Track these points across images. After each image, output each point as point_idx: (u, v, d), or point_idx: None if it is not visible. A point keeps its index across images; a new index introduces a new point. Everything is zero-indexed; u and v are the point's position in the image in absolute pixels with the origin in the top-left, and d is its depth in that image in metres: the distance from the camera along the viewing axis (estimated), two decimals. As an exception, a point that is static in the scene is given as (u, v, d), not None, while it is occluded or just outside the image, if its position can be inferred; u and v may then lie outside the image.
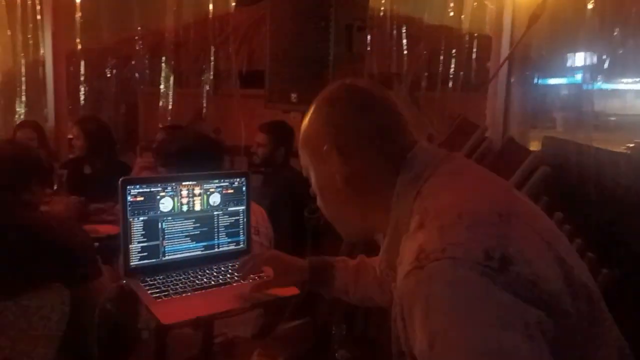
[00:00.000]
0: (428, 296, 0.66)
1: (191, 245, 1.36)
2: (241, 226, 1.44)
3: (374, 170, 0.87)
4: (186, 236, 1.35)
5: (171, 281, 1.26)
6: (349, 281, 1.21)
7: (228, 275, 1.32)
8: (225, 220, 1.41)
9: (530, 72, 3.33)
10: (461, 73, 3.75)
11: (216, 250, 1.40)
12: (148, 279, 1.25)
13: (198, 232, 1.37)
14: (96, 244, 2.07)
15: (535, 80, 3.48)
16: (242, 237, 1.44)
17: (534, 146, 2.92)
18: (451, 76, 3.78)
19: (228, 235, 1.42)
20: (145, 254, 1.29)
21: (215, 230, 1.39)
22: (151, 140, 3.11)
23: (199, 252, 1.37)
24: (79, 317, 1.83)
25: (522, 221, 0.74)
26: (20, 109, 3.93)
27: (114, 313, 1.27)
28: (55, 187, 2.92)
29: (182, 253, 1.35)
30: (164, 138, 2.34)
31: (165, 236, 1.31)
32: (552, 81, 3.65)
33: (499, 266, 0.65)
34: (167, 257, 1.32)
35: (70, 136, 3.45)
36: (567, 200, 1.94)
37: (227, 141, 3.79)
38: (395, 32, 3.76)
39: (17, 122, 3.56)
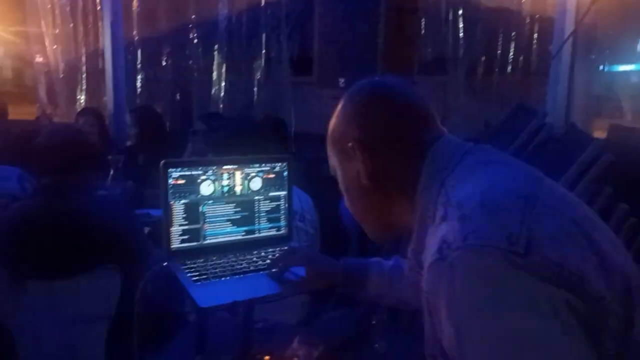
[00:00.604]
0: (451, 287, 0.64)
1: (231, 230, 1.35)
2: (282, 212, 1.42)
3: (398, 165, 0.86)
4: (226, 220, 1.34)
5: (211, 265, 1.26)
6: (383, 284, 1.17)
7: (268, 261, 1.30)
8: (266, 206, 1.39)
9: (595, 56, 3.13)
10: (521, 57, 3.57)
11: (256, 235, 1.38)
12: (188, 262, 1.25)
13: (238, 216, 1.36)
14: (148, 228, 2.12)
15: (602, 67, 3.27)
16: (283, 223, 1.42)
17: (598, 135, 2.75)
18: (510, 60, 3.61)
19: (269, 220, 1.40)
20: (186, 237, 1.29)
21: (256, 215, 1.38)
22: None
23: (239, 237, 1.36)
24: (130, 299, 1.88)
25: (549, 204, 0.70)
26: (81, 98, 4.10)
27: (155, 294, 1.29)
28: (112, 173, 3.02)
29: (223, 237, 1.34)
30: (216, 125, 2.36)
31: (206, 220, 1.31)
32: (621, 68, 3.42)
33: (524, 250, 0.63)
34: (207, 241, 1.32)
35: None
36: (633, 192, 1.80)
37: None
38: (451, 15, 3.62)
39: (78, 110, 3.70)
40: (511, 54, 3.58)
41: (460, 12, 3.60)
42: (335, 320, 1.42)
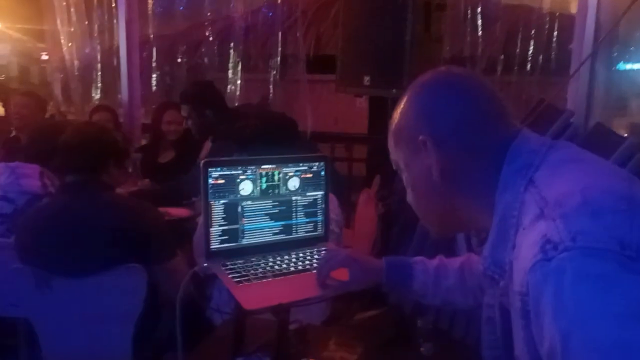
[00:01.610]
0: (559, 290, 0.60)
1: (270, 230, 1.34)
2: (319, 212, 1.40)
3: (473, 161, 0.82)
4: (265, 220, 1.33)
5: (251, 266, 1.24)
6: (428, 284, 1.14)
7: (307, 262, 1.29)
8: (303, 205, 1.37)
9: (618, 54, 3.09)
10: (540, 56, 3.54)
11: (294, 235, 1.37)
12: (228, 263, 1.24)
13: (277, 216, 1.34)
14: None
15: (624, 65, 3.24)
16: (320, 223, 1.40)
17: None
18: (529, 59, 3.57)
19: (306, 220, 1.38)
20: (225, 237, 1.27)
21: (294, 215, 1.36)
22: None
23: (277, 237, 1.35)
24: (155, 298, 1.87)
25: None
26: (96, 95, 4.10)
27: (185, 294, 1.26)
28: (130, 170, 3.02)
29: (261, 237, 1.32)
30: (241, 123, 2.34)
31: (245, 220, 1.29)
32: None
33: (636, 255, 0.59)
34: (246, 241, 1.30)
35: (145, 121, 3.56)
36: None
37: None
38: (469, 12, 3.59)
39: (92, 107, 3.69)
40: (530, 52, 3.55)
41: (479, 9, 3.57)
42: (371, 320, 1.40)
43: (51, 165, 2.14)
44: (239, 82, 4.03)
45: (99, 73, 4.07)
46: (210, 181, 1.23)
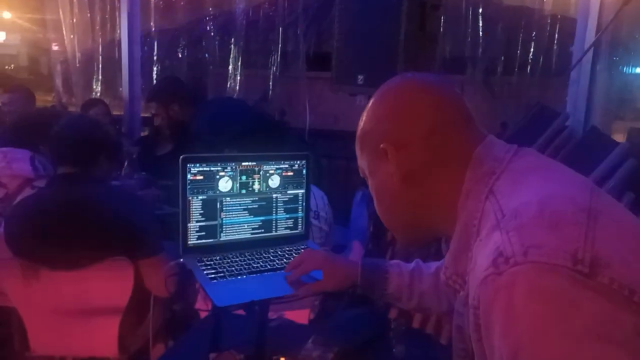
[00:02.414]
0: (509, 305, 0.59)
1: (248, 227, 1.34)
2: (300, 210, 1.40)
3: (437, 168, 0.80)
4: (244, 218, 1.33)
5: (227, 262, 1.25)
6: (403, 288, 1.14)
7: (284, 260, 1.29)
8: (283, 203, 1.37)
9: (618, 58, 3.07)
10: (541, 58, 3.51)
11: (273, 233, 1.37)
12: (205, 259, 1.24)
13: (256, 213, 1.34)
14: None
15: (624, 68, 3.21)
16: (300, 222, 1.40)
17: (617, 138, 2.69)
18: (530, 61, 3.55)
19: (286, 218, 1.38)
20: (203, 233, 1.28)
21: (274, 212, 1.36)
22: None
23: (256, 235, 1.35)
24: (141, 291, 1.88)
25: (612, 219, 0.65)
26: (97, 87, 4.11)
27: (170, 288, 1.27)
28: (126, 164, 3.02)
29: (239, 234, 1.33)
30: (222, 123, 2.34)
31: (223, 216, 1.30)
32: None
33: (589, 270, 0.58)
34: (224, 238, 1.31)
35: (144, 114, 3.57)
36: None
37: (292, 124, 3.78)
38: (470, 13, 3.56)
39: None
40: (531, 54, 3.52)
41: (480, 10, 3.55)
42: (351, 320, 1.40)
43: (41, 151, 2.16)
44: (239, 77, 4.03)
45: (100, 65, 4.08)
46: (189, 177, 1.24)
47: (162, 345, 1.95)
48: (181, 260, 1.24)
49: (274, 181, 1.35)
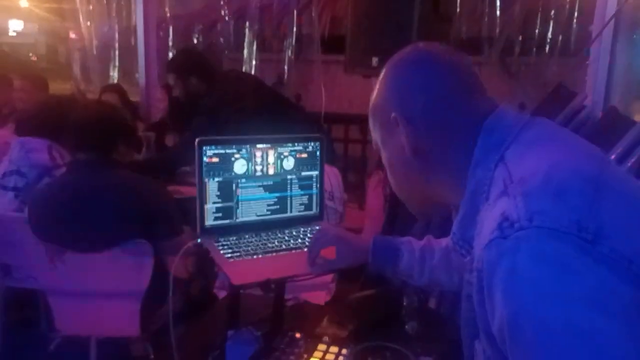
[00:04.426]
0: (512, 269, 0.60)
1: (264, 209, 1.36)
2: (314, 191, 1.42)
3: (447, 138, 0.81)
4: (259, 199, 1.35)
5: (244, 242, 1.27)
6: (414, 264, 1.15)
7: (299, 240, 1.31)
8: (298, 185, 1.39)
9: (638, 36, 3.00)
10: (560, 37, 3.45)
11: (288, 214, 1.39)
12: (221, 239, 1.27)
13: (271, 195, 1.36)
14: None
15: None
16: (314, 203, 1.42)
17: (638, 119, 2.65)
18: (548, 40, 3.48)
19: (300, 199, 1.40)
20: (219, 214, 1.30)
21: (288, 194, 1.38)
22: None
23: (272, 216, 1.37)
24: (162, 273, 1.92)
25: (618, 192, 0.65)
26: (114, 74, 4.16)
27: (189, 269, 1.31)
28: (144, 150, 3.07)
29: (255, 215, 1.35)
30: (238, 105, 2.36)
31: (239, 198, 1.32)
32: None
33: (592, 238, 0.58)
34: (240, 219, 1.33)
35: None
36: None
37: (307, 108, 3.78)
38: (488, -8, 3.51)
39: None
40: (549, 33, 3.45)
41: (498, -11, 3.50)
42: (365, 301, 1.42)
43: (60, 141, 2.20)
44: (253, 62, 4.04)
45: (117, 52, 4.12)
46: (205, 159, 1.26)
47: (182, 325, 2.00)
48: (199, 240, 1.26)
49: (289, 163, 1.37)
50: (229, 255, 1.21)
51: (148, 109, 3.82)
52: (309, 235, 1.33)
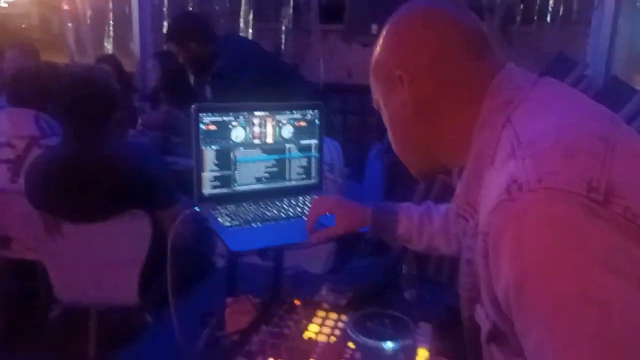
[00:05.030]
0: (519, 231, 0.58)
1: (262, 177, 1.35)
2: (313, 160, 1.40)
3: (450, 96, 0.78)
4: (258, 167, 1.34)
5: (242, 211, 1.27)
6: (412, 229, 1.15)
7: (298, 209, 1.31)
8: (297, 153, 1.38)
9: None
10: (561, 6, 3.38)
11: (287, 183, 1.38)
12: (219, 208, 1.26)
13: (269, 164, 1.35)
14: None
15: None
16: (313, 172, 1.41)
17: None
18: (550, 9, 3.42)
19: (299, 168, 1.39)
20: (217, 183, 1.29)
21: (287, 163, 1.37)
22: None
23: (270, 185, 1.36)
24: (159, 243, 1.92)
25: (630, 150, 0.63)
26: (109, 44, 4.09)
27: (186, 237, 1.30)
28: (140, 121, 3.04)
29: (254, 184, 1.34)
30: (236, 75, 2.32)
31: (237, 166, 1.31)
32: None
33: (604, 199, 0.56)
34: (238, 188, 1.32)
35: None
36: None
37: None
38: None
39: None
40: (551, 1, 3.39)
41: (499, -45, 3.42)
42: (364, 268, 1.42)
43: (48, 109, 2.16)
44: (250, 31, 3.97)
45: (111, 22, 4.04)
46: (202, 127, 1.24)
47: (182, 295, 2.01)
48: (196, 208, 1.25)
49: (287, 131, 1.35)
50: (227, 223, 1.20)
51: (144, 80, 3.77)
52: (307, 204, 1.32)
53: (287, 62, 3.75)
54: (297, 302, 1.20)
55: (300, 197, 1.36)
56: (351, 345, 1.02)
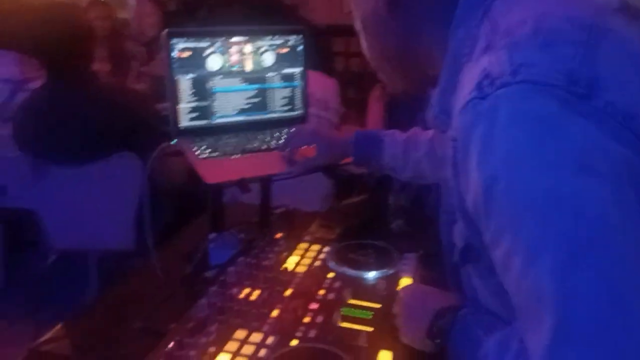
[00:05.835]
0: (490, 131, 0.51)
1: (243, 109, 1.28)
2: (297, 90, 1.33)
3: None
4: (237, 98, 1.27)
5: (222, 144, 1.21)
6: (398, 156, 1.09)
7: (281, 140, 1.24)
8: (279, 83, 1.30)
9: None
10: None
11: (270, 115, 1.31)
12: (197, 140, 1.20)
13: (250, 94, 1.27)
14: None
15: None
16: (298, 103, 1.34)
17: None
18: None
19: (283, 99, 1.31)
20: (194, 114, 1.22)
21: (269, 93, 1.29)
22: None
23: (252, 117, 1.29)
24: (151, 183, 1.88)
25: (620, 38, 0.55)
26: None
27: (163, 172, 1.26)
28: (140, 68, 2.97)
29: (234, 116, 1.27)
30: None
31: (215, 97, 1.23)
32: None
33: (585, 92, 0.50)
34: (218, 120, 1.25)
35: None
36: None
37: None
38: None
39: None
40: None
41: None
42: (354, 205, 1.37)
43: (30, 52, 2.09)
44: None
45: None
46: (174, 54, 1.16)
47: (176, 236, 1.99)
48: (174, 142, 1.20)
49: (268, 58, 1.27)
50: (205, 155, 1.15)
51: (140, 27, 3.65)
52: (286, 136, 1.26)
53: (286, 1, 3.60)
54: (279, 235, 1.16)
55: (285, 129, 1.29)
56: (330, 275, 0.98)
